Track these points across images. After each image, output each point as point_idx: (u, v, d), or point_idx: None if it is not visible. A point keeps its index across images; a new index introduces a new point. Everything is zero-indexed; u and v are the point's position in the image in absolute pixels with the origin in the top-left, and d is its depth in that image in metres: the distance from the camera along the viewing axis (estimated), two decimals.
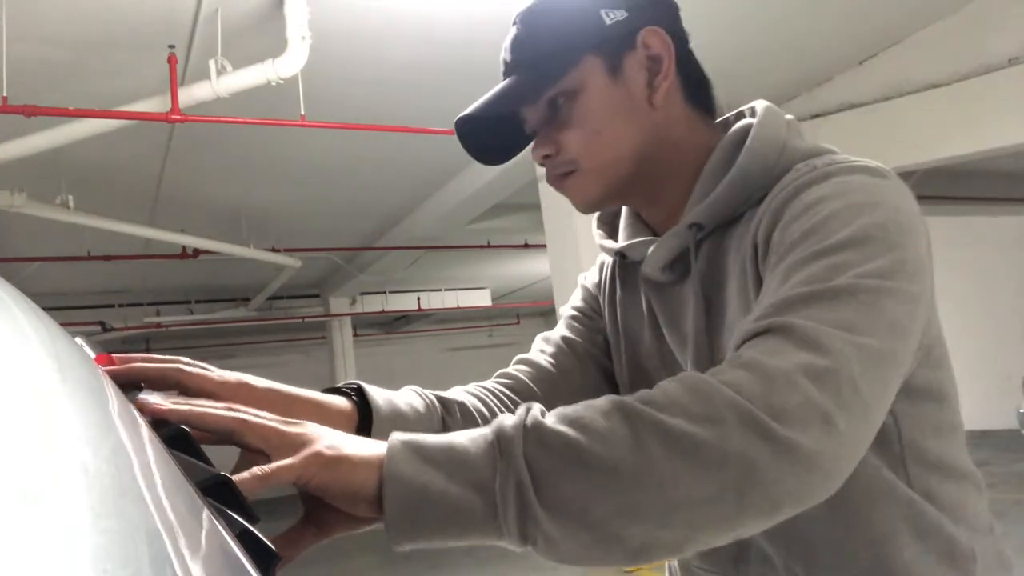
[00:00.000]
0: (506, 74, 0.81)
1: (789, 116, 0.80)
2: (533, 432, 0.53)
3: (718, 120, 0.86)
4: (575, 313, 1.00)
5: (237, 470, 0.64)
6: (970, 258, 8.90)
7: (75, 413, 0.29)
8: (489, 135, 0.84)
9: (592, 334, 0.97)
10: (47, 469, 0.22)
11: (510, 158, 0.86)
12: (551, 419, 0.54)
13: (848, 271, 0.60)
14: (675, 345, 0.85)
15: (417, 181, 6.47)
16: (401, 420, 0.76)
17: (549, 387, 0.92)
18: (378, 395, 0.77)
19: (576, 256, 4.87)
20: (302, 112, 3.91)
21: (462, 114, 0.80)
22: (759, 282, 0.71)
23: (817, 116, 5.36)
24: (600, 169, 0.79)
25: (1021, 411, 7.42)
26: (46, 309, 0.43)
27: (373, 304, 10.75)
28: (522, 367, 0.95)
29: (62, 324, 0.42)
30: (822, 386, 0.53)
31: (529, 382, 0.92)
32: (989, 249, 9.19)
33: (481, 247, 8.29)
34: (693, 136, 0.81)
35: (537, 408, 0.56)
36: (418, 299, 11.16)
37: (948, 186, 6.95)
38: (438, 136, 4.59)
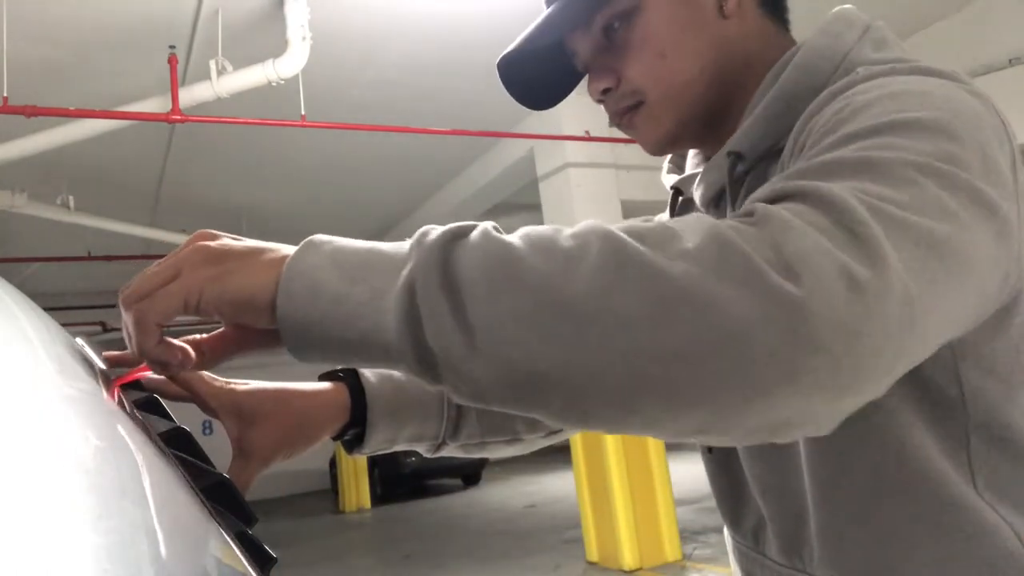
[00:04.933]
0: (549, 2, 0.70)
1: (876, 23, 0.64)
2: (467, 233, 0.43)
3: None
4: None
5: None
6: None
7: (75, 413, 0.29)
8: (536, 75, 0.74)
9: None
10: (47, 469, 0.22)
11: (559, 100, 0.77)
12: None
13: (890, 150, 0.46)
14: None
15: (417, 181, 6.46)
16: (399, 391, 0.73)
17: None
18: (370, 370, 0.72)
19: None
20: (302, 112, 3.91)
21: (505, 52, 0.70)
22: None
23: None
24: (671, 96, 0.67)
25: None
26: (46, 309, 0.44)
27: None
28: None
29: (62, 324, 0.43)
30: (844, 244, 0.40)
31: None
32: None
33: None
34: (767, 52, 0.68)
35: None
36: None
37: None
38: (438, 136, 4.59)
